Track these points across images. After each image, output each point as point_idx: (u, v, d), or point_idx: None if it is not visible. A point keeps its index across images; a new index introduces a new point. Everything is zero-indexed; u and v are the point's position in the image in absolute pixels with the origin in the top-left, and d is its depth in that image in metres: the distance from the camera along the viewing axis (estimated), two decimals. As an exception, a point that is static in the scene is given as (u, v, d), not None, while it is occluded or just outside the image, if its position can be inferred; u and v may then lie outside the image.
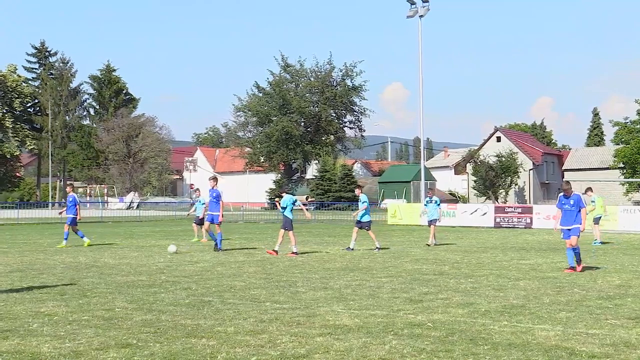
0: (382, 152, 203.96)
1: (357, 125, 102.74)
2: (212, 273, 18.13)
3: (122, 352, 9.04)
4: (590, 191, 30.86)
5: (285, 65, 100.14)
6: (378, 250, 25.63)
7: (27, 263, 20.71)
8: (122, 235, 36.52)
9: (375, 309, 12.39)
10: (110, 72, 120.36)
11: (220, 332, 10.29)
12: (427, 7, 58.32)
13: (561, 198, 19.37)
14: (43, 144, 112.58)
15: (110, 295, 13.98)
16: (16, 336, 9.96)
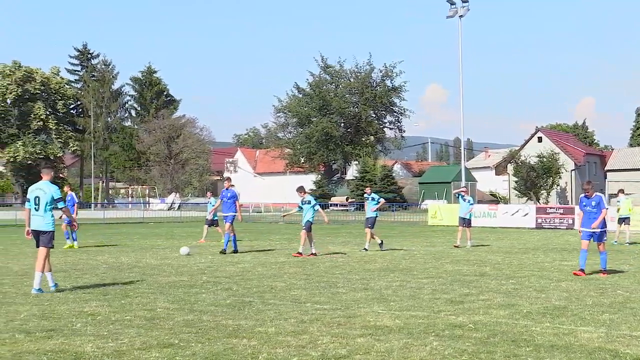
0: (423, 152, 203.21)
1: (397, 125, 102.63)
2: (252, 274, 18.18)
3: (164, 352, 9.10)
4: (621, 193, 31.04)
5: (325, 66, 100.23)
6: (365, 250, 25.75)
7: (70, 263, 20.92)
8: (164, 236, 36.76)
9: (416, 310, 12.35)
10: (151, 73, 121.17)
11: (261, 332, 10.31)
12: (466, 7, 58.17)
13: (582, 199, 18.70)
14: (85, 145, 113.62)
15: (152, 295, 14.06)
16: (60, 335, 10.06)
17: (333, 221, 56.21)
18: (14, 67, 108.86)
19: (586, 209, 18.42)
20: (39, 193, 14.89)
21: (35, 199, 14.82)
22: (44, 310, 12.26)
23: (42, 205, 14.83)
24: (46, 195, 14.87)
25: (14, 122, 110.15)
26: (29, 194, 14.94)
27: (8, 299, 13.59)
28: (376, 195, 27.29)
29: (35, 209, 14.79)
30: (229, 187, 25.93)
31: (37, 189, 14.97)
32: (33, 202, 14.81)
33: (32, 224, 14.83)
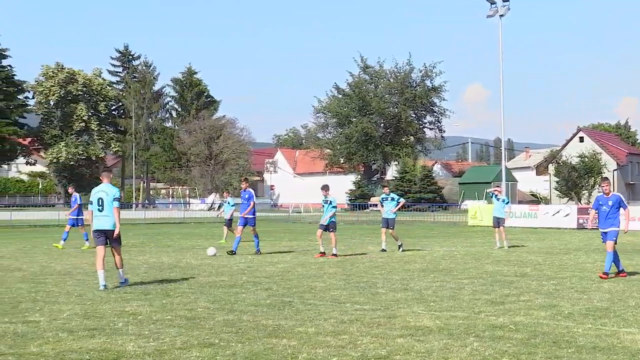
0: (463, 153, 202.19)
1: (437, 126, 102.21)
2: (292, 274, 18.21)
3: (204, 351, 9.15)
4: None
5: (364, 66, 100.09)
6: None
7: (112, 263, 21.06)
8: (204, 236, 36.95)
9: (456, 310, 12.31)
10: (192, 74, 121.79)
11: (301, 332, 10.33)
12: (507, 6, 57.76)
13: (599, 198, 18.04)
14: (127, 146, 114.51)
15: (193, 295, 14.15)
16: (102, 335, 10.15)
17: (372, 221, 56.17)
18: (57, 68, 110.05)
19: (602, 208, 17.80)
20: (102, 195, 15.60)
21: (98, 201, 15.52)
22: (86, 309, 12.38)
23: (106, 206, 15.50)
24: (108, 197, 15.56)
25: (57, 124, 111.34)
26: (92, 197, 15.61)
27: (52, 298, 13.75)
28: (396, 195, 27.12)
29: (99, 210, 15.47)
30: (247, 188, 25.40)
31: (99, 191, 15.67)
32: (97, 203, 15.50)
33: (97, 224, 15.48)
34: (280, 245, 29.18)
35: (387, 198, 26.64)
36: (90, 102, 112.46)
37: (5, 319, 11.38)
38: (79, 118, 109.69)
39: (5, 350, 9.21)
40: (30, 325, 10.92)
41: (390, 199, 26.55)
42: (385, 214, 26.40)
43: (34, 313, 12.01)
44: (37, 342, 9.69)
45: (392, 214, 26.27)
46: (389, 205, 26.41)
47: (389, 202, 26.49)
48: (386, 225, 26.20)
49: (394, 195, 26.86)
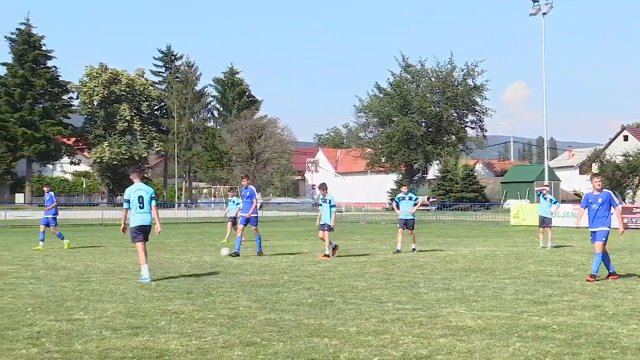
0: (505, 152, 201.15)
1: (479, 125, 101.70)
2: (334, 273, 18.22)
3: (246, 350, 9.19)
4: None
5: (406, 65, 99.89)
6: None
7: (155, 262, 21.23)
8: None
9: (498, 310, 12.25)
10: (234, 74, 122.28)
11: (343, 331, 10.34)
12: (550, 4, 57.39)
13: (588, 196, 17.20)
14: (169, 145, 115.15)
15: (235, 294, 14.21)
16: (145, 333, 10.24)
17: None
18: (100, 69, 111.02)
19: (592, 206, 16.95)
20: (142, 193, 16.58)
21: (139, 199, 16.46)
22: (129, 308, 12.49)
23: (146, 203, 16.55)
24: (147, 195, 16.64)
25: (100, 124, 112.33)
26: (131, 196, 16.49)
27: (95, 296, 13.88)
28: (414, 195, 26.10)
29: (140, 207, 16.43)
30: (248, 185, 24.32)
31: (138, 190, 16.61)
32: (137, 201, 16.43)
33: (139, 221, 16.44)
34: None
35: (405, 198, 25.41)
36: (133, 102, 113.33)
37: (51, 317, 11.52)
38: (122, 118, 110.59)
39: (51, 347, 9.32)
40: (75, 323, 11.04)
41: (408, 199, 25.38)
42: (402, 215, 25.15)
43: (78, 311, 12.14)
44: (81, 340, 9.80)
45: (411, 214, 25.16)
46: (407, 205, 25.23)
47: (406, 202, 25.28)
48: (404, 226, 25.12)
49: (412, 195, 25.81)
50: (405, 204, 25.21)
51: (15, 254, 24.25)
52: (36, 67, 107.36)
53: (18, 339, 9.82)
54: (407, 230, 25.16)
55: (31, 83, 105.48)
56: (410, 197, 25.48)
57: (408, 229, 25.11)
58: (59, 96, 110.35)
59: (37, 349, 9.23)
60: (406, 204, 25.21)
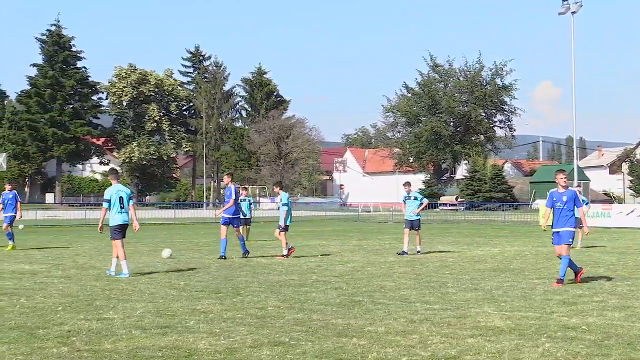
0: (534, 151, 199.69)
1: (507, 124, 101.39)
2: (362, 273, 18.22)
3: (274, 350, 9.20)
4: None
5: (434, 65, 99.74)
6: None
7: (184, 262, 21.35)
8: (273, 235, 37.05)
9: (527, 310, 12.19)
10: (262, 74, 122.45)
11: (371, 331, 10.33)
12: (579, 3, 57.01)
13: (552, 194, 16.00)
14: (198, 145, 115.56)
15: (263, 294, 14.24)
16: (174, 332, 10.29)
17: (442, 221, 55.89)
18: (129, 69, 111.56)
19: (557, 205, 15.84)
20: (122, 194, 17.80)
21: (119, 199, 17.65)
22: (158, 307, 12.55)
23: (126, 203, 17.79)
24: (126, 195, 17.92)
25: (129, 124, 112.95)
26: (112, 196, 17.67)
27: (125, 296, 13.96)
28: (419, 195, 25.21)
29: (120, 207, 17.65)
30: (229, 185, 23.26)
31: (118, 191, 17.81)
32: (118, 202, 17.63)
33: (119, 219, 17.73)
34: (350, 245, 29.17)
35: (410, 197, 24.68)
36: (162, 102, 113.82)
37: (81, 316, 11.61)
38: (151, 118, 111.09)
39: (81, 346, 9.39)
40: (105, 322, 11.11)
41: (413, 199, 24.63)
42: (407, 215, 24.54)
43: (108, 310, 12.23)
44: (111, 339, 9.87)
45: (415, 215, 24.38)
46: (412, 205, 24.55)
47: (411, 201, 24.58)
48: (410, 227, 24.32)
49: (417, 195, 24.96)
50: (410, 204, 24.59)
51: (46, 254, 24.44)
52: (66, 67, 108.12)
53: (49, 338, 9.90)
54: (413, 231, 24.35)
55: (61, 84, 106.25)
56: (415, 197, 24.72)
57: (414, 229, 24.33)
58: (88, 97, 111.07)
59: (67, 348, 9.30)
60: (411, 204, 24.58)
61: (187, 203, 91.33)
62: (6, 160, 68.28)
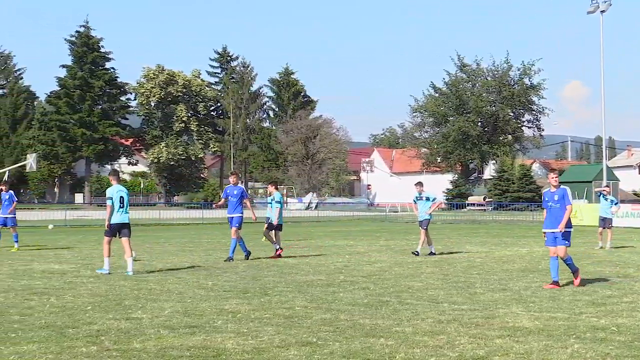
0: (562, 151, 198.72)
1: (535, 124, 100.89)
2: (389, 273, 18.19)
3: (302, 350, 9.21)
4: None
5: (461, 65, 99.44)
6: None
7: (212, 262, 21.41)
8: (301, 235, 37.16)
9: (556, 311, 12.12)
10: (289, 75, 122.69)
11: (399, 332, 10.32)
12: (608, 2, 56.65)
13: (545, 194, 15.65)
14: (225, 146, 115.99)
15: (291, 294, 14.25)
16: (202, 332, 10.32)
17: (470, 221, 55.69)
18: (157, 70, 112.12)
19: (549, 205, 15.46)
20: (122, 194, 18.29)
21: (120, 199, 18.12)
22: (186, 307, 12.60)
23: (126, 203, 18.29)
24: (127, 196, 18.45)
25: (157, 124, 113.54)
26: (114, 195, 18.08)
27: (153, 295, 14.03)
28: (431, 195, 24.72)
29: (120, 207, 18.09)
30: (236, 184, 22.82)
31: (119, 191, 18.26)
32: (118, 201, 18.09)
33: (118, 218, 18.09)
34: (377, 245, 29.13)
35: (421, 198, 24.36)
36: (190, 102, 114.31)
37: (110, 316, 11.67)
38: (179, 119, 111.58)
39: (110, 345, 9.45)
40: (133, 322, 11.17)
41: (425, 199, 24.30)
42: (420, 216, 24.16)
43: (136, 310, 12.29)
44: (139, 338, 9.92)
45: (427, 215, 24.01)
46: (424, 206, 24.19)
47: (423, 202, 24.25)
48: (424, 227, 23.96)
49: (429, 195, 24.48)
50: (422, 205, 24.26)
51: (75, 253, 24.61)
52: (95, 68, 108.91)
53: (78, 337, 9.97)
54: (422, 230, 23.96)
55: (90, 84, 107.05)
56: (427, 197, 24.35)
57: (422, 229, 23.95)
58: (117, 97, 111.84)
59: (96, 347, 9.36)
60: (423, 204, 24.24)
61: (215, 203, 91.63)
62: (36, 160, 68.80)
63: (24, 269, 19.08)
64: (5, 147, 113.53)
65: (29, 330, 10.45)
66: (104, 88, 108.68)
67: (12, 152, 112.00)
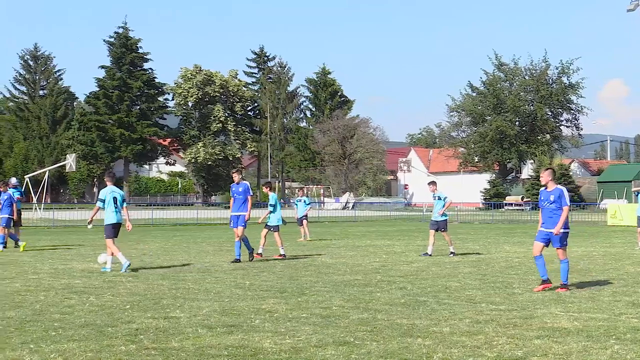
0: (601, 150, 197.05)
1: (574, 123, 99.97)
2: (427, 273, 18.15)
3: (339, 349, 9.22)
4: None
5: (499, 64, 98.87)
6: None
7: (249, 261, 21.45)
8: (338, 235, 37.17)
9: (595, 312, 12.03)
10: (326, 75, 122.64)
11: (436, 332, 10.30)
12: (649, -1, 56.10)
13: (541, 193, 15.33)
14: (262, 146, 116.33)
15: (328, 293, 14.27)
16: (240, 331, 10.37)
17: (508, 220, 55.40)
18: (195, 71, 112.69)
19: (543, 204, 15.17)
20: (116, 195, 18.56)
21: (114, 200, 18.43)
22: (224, 306, 12.66)
23: (119, 204, 18.57)
24: (120, 196, 18.69)
25: (195, 124, 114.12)
26: (107, 197, 18.44)
27: (191, 295, 14.11)
28: (442, 194, 23.67)
29: (115, 207, 18.42)
30: (240, 182, 21.85)
31: (113, 192, 18.56)
32: (112, 202, 18.40)
33: (114, 219, 18.38)
34: (415, 245, 29.06)
35: (435, 197, 23.62)
36: (227, 103, 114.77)
37: (148, 315, 11.76)
38: (216, 119, 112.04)
39: (149, 344, 9.52)
40: (171, 321, 11.25)
41: (437, 199, 23.50)
42: (433, 216, 23.64)
43: (174, 309, 12.37)
44: (177, 337, 9.99)
45: (441, 215, 23.31)
46: (437, 205, 23.47)
47: (436, 202, 23.51)
48: (436, 228, 23.40)
49: (441, 194, 23.58)
50: (436, 205, 23.56)
51: (114, 253, 24.77)
52: (133, 69, 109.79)
53: (117, 336, 10.06)
54: (441, 232, 23.48)
55: (128, 85, 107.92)
56: (439, 196, 23.51)
57: (440, 231, 23.42)
58: (154, 98, 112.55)
59: (135, 346, 9.44)
60: (436, 204, 23.53)
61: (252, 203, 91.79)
62: (75, 160, 69.48)
63: (64, 268, 19.27)
64: (46, 148, 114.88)
65: (69, 329, 10.57)
66: (142, 88, 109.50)
67: (52, 153, 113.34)
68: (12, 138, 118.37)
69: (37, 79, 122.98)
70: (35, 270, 18.73)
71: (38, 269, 19.24)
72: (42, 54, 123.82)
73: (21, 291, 14.63)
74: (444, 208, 23.38)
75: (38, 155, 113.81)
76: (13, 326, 10.81)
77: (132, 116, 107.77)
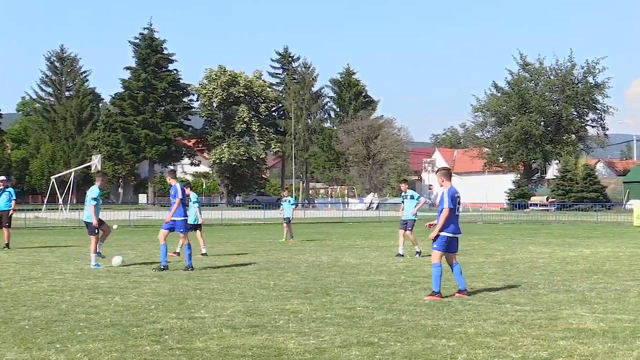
0: (627, 151, 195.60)
1: (600, 123, 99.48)
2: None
3: (363, 350, 9.22)
4: None
5: (524, 64, 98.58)
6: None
7: (273, 262, 21.49)
8: (362, 235, 37.12)
9: (621, 313, 11.96)
10: (350, 75, 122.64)
11: (460, 333, 10.27)
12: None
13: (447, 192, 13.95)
14: (287, 146, 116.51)
15: (352, 294, 14.26)
16: (264, 332, 10.38)
17: (533, 221, 55.14)
18: (219, 71, 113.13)
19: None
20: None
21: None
22: (248, 307, 12.68)
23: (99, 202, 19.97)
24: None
25: (219, 125, 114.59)
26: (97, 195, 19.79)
27: (215, 295, 14.14)
28: (415, 193, 23.50)
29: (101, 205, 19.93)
30: (174, 183, 19.68)
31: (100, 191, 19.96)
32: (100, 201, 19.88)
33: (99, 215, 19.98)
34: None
35: (407, 196, 23.10)
36: (251, 103, 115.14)
37: (173, 315, 11.80)
38: (241, 119, 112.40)
39: (173, 345, 9.56)
40: (196, 321, 11.28)
41: (410, 198, 23.03)
42: (405, 215, 23.01)
43: (199, 309, 12.40)
44: (202, 337, 10.01)
45: (413, 215, 22.87)
46: (411, 205, 22.94)
47: (408, 200, 23.01)
48: (404, 227, 22.99)
49: (414, 193, 23.29)
50: (408, 204, 23.04)
51: (139, 253, 24.90)
52: (158, 70, 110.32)
53: (142, 336, 10.10)
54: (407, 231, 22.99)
55: (153, 86, 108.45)
56: (412, 195, 23.16)
57: (407, 229, 22.95)
58: (179, 99, 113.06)
59: (160, 346, 9.48)
60: (410, 203, 23.02)
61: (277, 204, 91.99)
62: (101, 161, 69.83)
63: (90, 268, 19.37)
64: (72, 148, 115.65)
65: (95, 329, 10.63)
66: (167, 89, 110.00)
67: (77, 153, 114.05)
68: (38, 139, 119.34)
69: (63, 80, 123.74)
70: (61, 271, 18.84)
71: (64, 269, 19.36)
72: (68, 56, 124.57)
73: (47, 291, 14.73)
74: (416, 208, 23.00)
75: (64, 156, 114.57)
76: (39, 326, 10.89)
77: (157, 117, 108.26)
